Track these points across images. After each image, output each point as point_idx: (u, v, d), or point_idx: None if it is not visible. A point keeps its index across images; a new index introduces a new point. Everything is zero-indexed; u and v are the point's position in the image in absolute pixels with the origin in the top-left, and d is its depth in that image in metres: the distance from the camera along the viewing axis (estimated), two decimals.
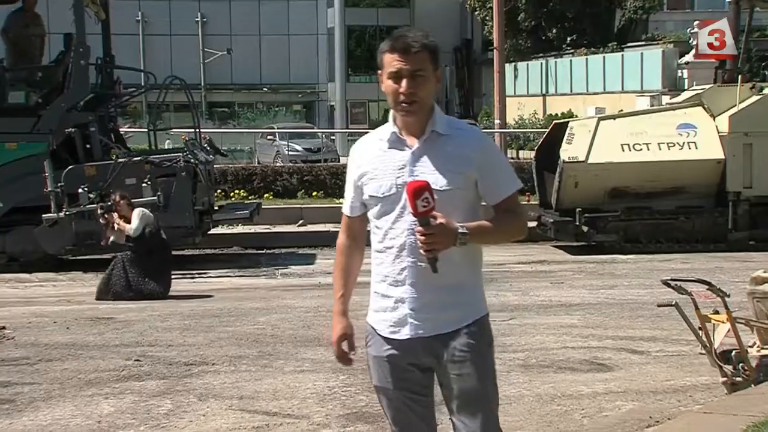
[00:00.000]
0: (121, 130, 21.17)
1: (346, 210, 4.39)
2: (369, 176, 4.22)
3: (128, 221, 13.82)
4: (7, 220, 17.39)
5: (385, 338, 4.23)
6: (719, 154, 18.03)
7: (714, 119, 18.33)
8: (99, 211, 14.81)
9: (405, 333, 4.15)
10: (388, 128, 4.23)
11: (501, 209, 4.19)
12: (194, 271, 16.67)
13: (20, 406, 8.70)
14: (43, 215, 16.55)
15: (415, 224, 4.05)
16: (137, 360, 10.09)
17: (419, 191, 3.91)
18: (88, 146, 17.80)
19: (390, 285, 4.18)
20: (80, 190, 16.57)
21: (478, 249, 4.31)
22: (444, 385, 4.18)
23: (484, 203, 4.33)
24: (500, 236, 4.36)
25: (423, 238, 3.94)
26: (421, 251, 4.04)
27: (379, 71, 4.25)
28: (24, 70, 18.91)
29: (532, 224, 19.45)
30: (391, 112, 4.31)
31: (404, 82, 4.02)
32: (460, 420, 4.19)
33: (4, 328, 12.19)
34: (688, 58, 24.38)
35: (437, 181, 4.05)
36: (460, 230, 3.98)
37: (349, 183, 4.38)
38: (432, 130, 4.10)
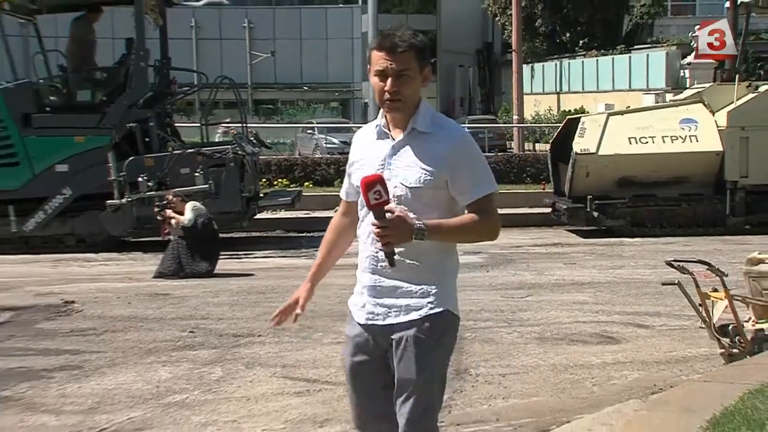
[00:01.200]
0: (176, 124, 21.20)
1: (342, 194, 4.33)
2: (356, 166, 4.14)
3: (182, 214, 14.01)
4: (76, 206, 17.57)
5: (354, 321, 4.16)
6: (718, 147, 18.06)
7: (713, 115, 18.34)
8: (156, 209, 14.94)
9: (362, 318, 4.07)
10: (378, 120, 4.14)
11: (472, 210, 4.04)
12: (241, 252, 16.72)
13: (88, 372, 8.91)
14: (107, 201, 16.77)
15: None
16: (191, 332, 10.20)
17: (371, 184, 3.78)
18: (147, 140, 17.93)
19: (361, 271, 4.12)
20: (140, 179, 16.78)
21: (446, 247, 4.13)
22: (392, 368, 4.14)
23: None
24: (465, 236, 4.15)
25: (378, 230, 3.81)
26: (377, 245, 3.97)
27: (368, 67, 4.11)
28: (90, 71, 19.04)
29: (547, 210, 19.70)
30: None
31: (389, 81, 3.90)
32: (396, 403, 4.07)
33: (73, 302, 12.37)
34: (690, 59, 24.26)
35: (408, 177, 3.95)
36: (416, 225, 3.82)
37: (347, 169, 4.33)
38: (412, 127, 3.98)
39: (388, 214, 3.80)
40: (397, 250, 3.88)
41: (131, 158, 17.32)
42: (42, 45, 19.47)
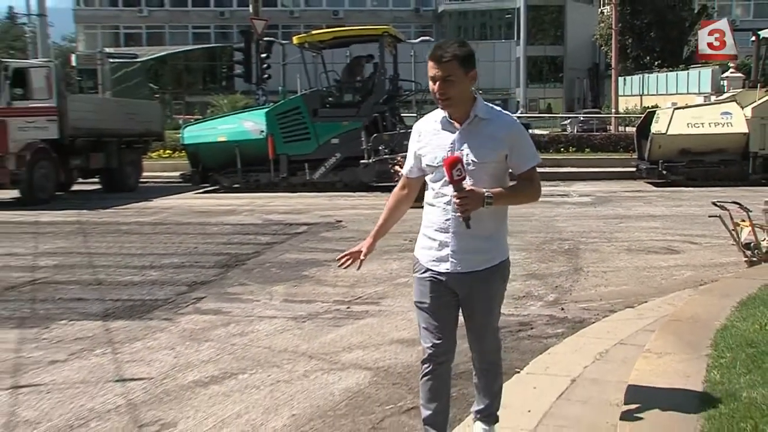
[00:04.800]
0: (401, 114, 22.60)
1: (405, 171, 3.90)
2: (426, 150, 3.69)
3: None
4: (342, 164, 19.35)
5: (428, 268, 3.74)
6: (745, 130, 18.64)
7: (743, 109, 18.82)
8: (390, 166, 16.30)
9: (445, 267, 3.74)
10: (441, 113, 3.69)
11: (522, 178, 3.72)
12: None
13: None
14: (361, 161, 18.63)
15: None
16: (411, 241, 9.42)
17: (454, 164, 3.44)
18: (384, 124, 19.58)
19: (436, 230, 3.69)
20: (380, 148, 18.46)
21: (503, 209, 3.79)
22: (465, 306, 3.79)
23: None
24: (518, 199, 3.72)
25: (458, 200, 3.48)
26: (449, 209, 3.57)
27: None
28: (351, 83, 20.67)
29: (633, 169, 20.32)
30: None
31: (437, 84, 3.62)
32: (469, 330, 3.78)
33: (341, 221, 13.36)
34: (727, 74, 24.54)
35: (476, 155, 3.56)
36: (486, 194, 3.48)
37: (410, 152, 3.84)
38: (475, 114, 3.66)
39: (464, 187, 3.53)
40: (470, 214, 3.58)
41: (375, 135, 18.92)
42: (324, 67, 21.06)
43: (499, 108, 3.77)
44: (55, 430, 4.67)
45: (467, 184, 3.46)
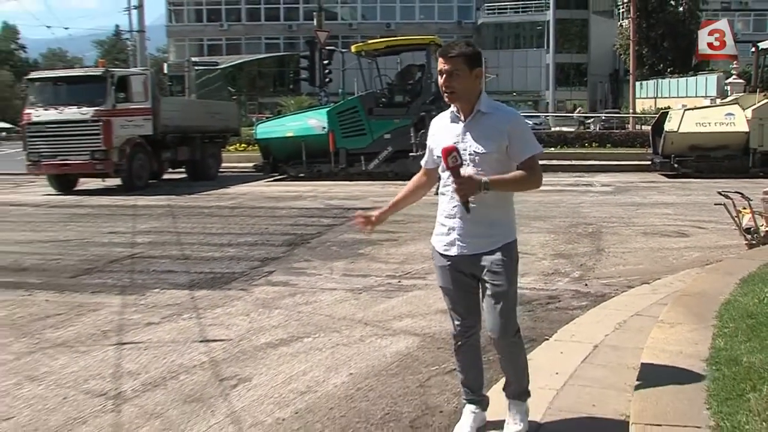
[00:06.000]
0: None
1: (422, 163, 3.75)
2: (437, 142, 3.54)
3: None
4: (394, 156, 19.36)
5: (441, 254, 3.59)
6: (746, 129, 18.40)
7: (744, 111, 18.55)
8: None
9: (454, 251, 3.58)
10: (451, 109, 3.55)
11: (523, 167, 3.48)
12: None
13: (400, 242, 9.65)
14: (410, 153, 18.25)
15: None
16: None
17: (449, 152, 3.29)
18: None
19: (446, 217, 3.55)
20: (427, 142, 20.38)
21: (507, 197, 3.53)
22: (482, 289, 3.58)
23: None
24: (517, 186, 3.48)
25: (455, 186, 3.32)
26: (455, 196, 3.38)
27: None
28: (402, 86, 20.58)
29: (648, 162, 20.05)
30: None
31: (443, 78, 3.48)
32: (487, 307, 3.50)
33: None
34: (730, 80, 23.87)
35: (480, 145, 3.39)
36: (483, 180, 3.30)
37: (427, 146, 3.70)
38: (478, 109, 3.49)
39: (462, 173, 3.30)
40: (471, 199, 3.44)
41: (422, 131, 18.06)
42: (378, 72, 21.06)
43: (501, 103, 3.66)
44: (151, 380, 4.78)
45: (465, 171, 3.31)
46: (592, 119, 42.07)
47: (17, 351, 5.44)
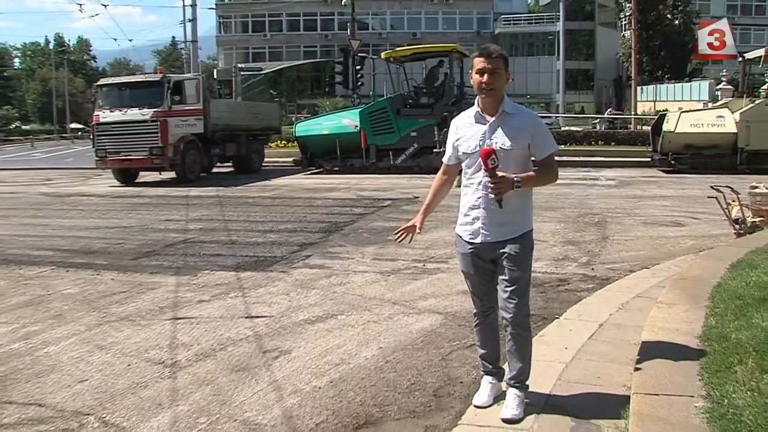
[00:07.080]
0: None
1: (445, 160, 3.69)
2: (461, 140, 3.51)
3: None
4: (419, 152, 19.21)
5: (466, 241, 3.54)
6: (735, 130, 18.05)
7: (733, 114, 18.23)
8: None
9: (479, 239, 3.54)
10: (474, 109, 3.49)
11: (542, 164, 3.48)
12: None
13: (426, 230, 6.43)
14: (434, 150, 18.09)
15: (487, 176, 3.34)
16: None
17: (488, 154, 3.28)
18: None
19: (470, 208, 3.51)
20: (448, 140, 19.93)
21: (528, 192, 3.49)
22: (500, 272, 3.52)
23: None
24: (541, 181, 3.46)
25: (492, 186, 3.31)
26: (491, 195, 3.36)
27: (470, 70, 3.47)
28: (428, 88, 20.39)
29: (648, 159, 19.73)
30: (477, 98, 3.51)
31: (486, 76, 3.42)
32: (502, 289, 3.47)
33: (417, 197, 13.33)
34: (721, 86, 23.80)
35: (504, 143, 3.36)
36: (515, 179, 3.31)
37: (449, 143, 3.61)
38: (503, 110, 3.46)
39: (498, 174, 3.28)
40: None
41: (445, 129, 17.07)
42: (406, 76, 20.87)
43: (521, 105, 3.63)
44: (203, 351, 4.82)
45: (500, 171, 3.30)
46: (597, 120, 41.59)
47: (88, 323, 5.55)
